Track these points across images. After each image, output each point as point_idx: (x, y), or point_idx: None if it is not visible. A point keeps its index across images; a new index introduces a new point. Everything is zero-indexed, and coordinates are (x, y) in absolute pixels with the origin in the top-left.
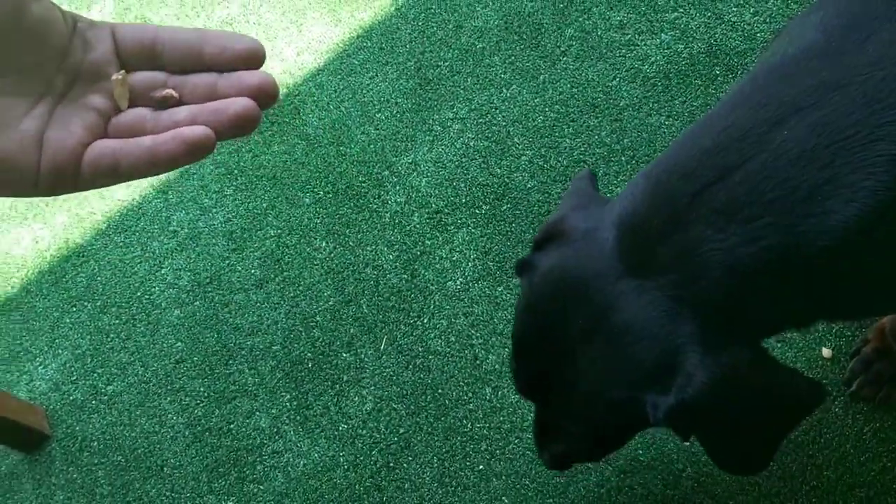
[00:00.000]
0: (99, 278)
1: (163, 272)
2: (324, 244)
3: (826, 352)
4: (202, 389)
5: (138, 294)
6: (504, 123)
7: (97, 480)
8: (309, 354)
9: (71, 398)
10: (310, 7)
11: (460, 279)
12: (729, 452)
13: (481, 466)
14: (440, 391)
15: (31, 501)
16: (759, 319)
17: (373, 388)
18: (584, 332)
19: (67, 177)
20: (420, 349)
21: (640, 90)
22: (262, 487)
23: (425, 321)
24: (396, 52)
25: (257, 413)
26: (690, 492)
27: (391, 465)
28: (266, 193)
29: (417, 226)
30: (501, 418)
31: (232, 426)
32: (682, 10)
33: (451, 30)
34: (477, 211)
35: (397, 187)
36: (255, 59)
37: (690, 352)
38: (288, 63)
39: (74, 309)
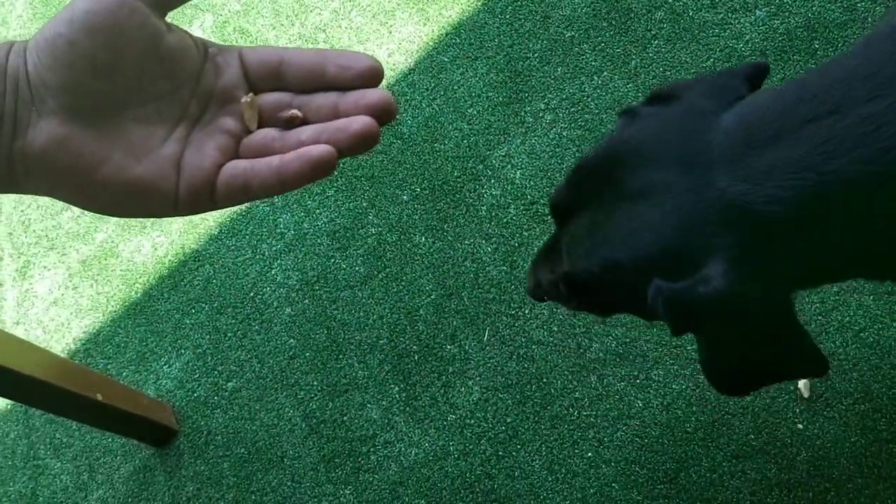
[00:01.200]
0: (214, 281)
1: (273, 273)
2: (423, 240)
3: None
4: (315, 383)
5: (251, 294)
6: (596, 111)
7: (223, 472)
8: (415, 347)
9: (195, 395)
10: (398, 8)
11: None
12: (714, 365)
13: (590, 454)
14: (545, 380)
15: (164, 492)
16: (809, 267)
17: (478, 378)
18: (640, 191)
19: (204, 197)
20: (523, 339)
21: None
22: (376, 476)
23: (526, 312)
24: (485, 46)
25: (368, 405)
26: (806, 476)
27: (500, 453)
28: (365, 193)
29: (514, 217)
30: (608, 405)
31: (345, 418)
32: None
33: (539, 20)
34: None
35: (492, 180)
36: (374, 76)
37: (720, 261)
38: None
39: (193, 310)
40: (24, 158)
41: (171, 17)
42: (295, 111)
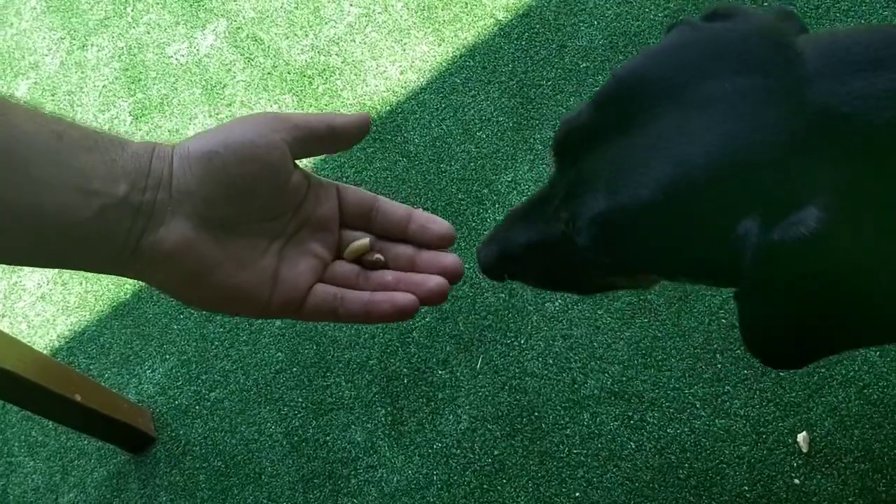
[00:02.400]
0: None
1: None
2: None
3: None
4: (300, 400)
5: None
6: None
7: (198, 484)
8: (405, 370)
9: (176, 402)
10: (414, 27)
11: (559, 300)
12: (777, 330)
13: (577, 494)
14: (536, 414)
15: (136, 500)
16: None
17: (468, 406)
18: (714, 98)
19: (292, 310)
20: (517, 370)
21: None
22: (355, 501)
23: (522, 342)
24: (499, 70)
25: (353, 426)
26: None
27: (485, 486)
28: None
29: None
30: (599, 445)
31: (328, 438)
32: None
33: (555, 49)
34: None
35: (496, 205)
36: (448, 241)
37: (828, 194)
38: (391, 81)
39: (182, 316)
40: (152, 253)
41: (183, 18)
42: (379, 256)
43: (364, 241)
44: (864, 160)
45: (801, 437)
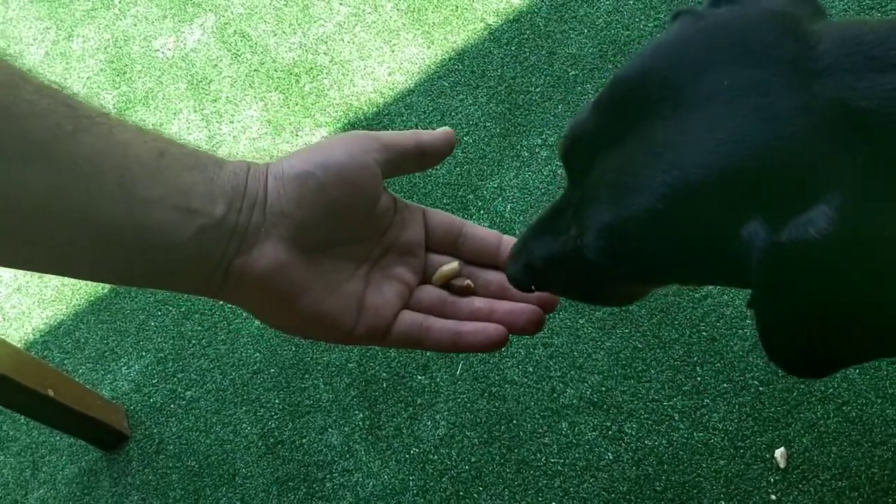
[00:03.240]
0: None
1: None
2: None
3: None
4: (277, 402)
5: (220, 303)
6: None
7: (171, 484)
8: (384, 374)
9: (151, 400)
10: (404, 28)
11: None
12: (797, 337)
13: (553, 503)
14: (515, 422)
15: (107, 498)
16: None
17: (446, 413)
18: (721, 95)
19: (378, 337)
20: (496, 377)
21: None
22: None
23: (503, 350)
24: (487, 76)
25: (330, 429)
26: None
27: (461, 493)
28: None
29: None
30: (577, 455)
31: (304, 440)
32: None
33: (544, 56)
34: None
35: (482, 211)
36: None
37: (843, 194)
38: (379, 82)
39: (160, 313)
40: (243, 274)
41: (170, 12)
42: (469, 282)
43: (453, 264)
44: (881, 159)
45: (779, 452)
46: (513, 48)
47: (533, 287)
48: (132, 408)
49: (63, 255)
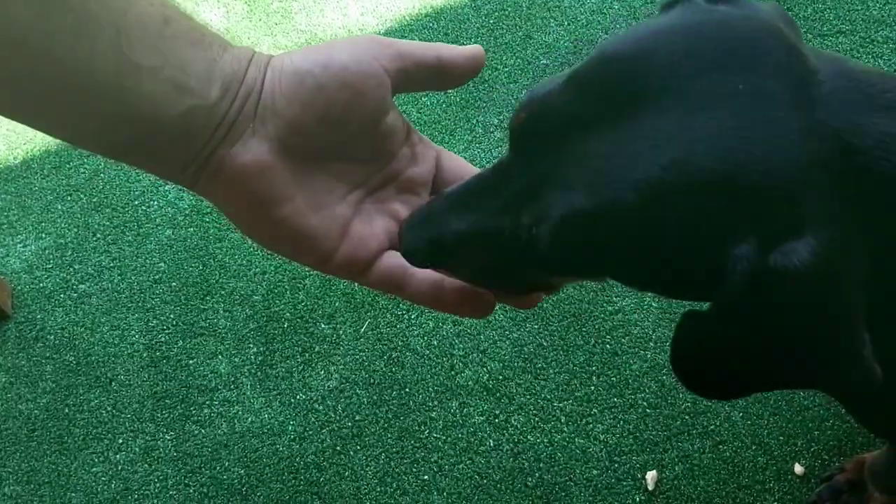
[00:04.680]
0: (102, 175)
1: (166, 188)
2: None
3: (798, 468)
4: (172, 317)
5: (136, 203)
6: None
7: (43, 374)
8: (287, 314)
9: (41, 285)
10: None
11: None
12: (733, 359)
13: (426, 477)
14: (407, 390)
15: None
16: None
17: (342, 367)
18: (719, 93)
19: (356, 271)
20: (399, 343)
21: None
22: (203, 431)
23: (412, 317)
24: (460, 41)
25: (220, 356)
26: None
27: (338, 448)
28: None
29: None
30: (459, 435)
31: (192, 361)
32: None
33: (520, 37)
34: None
35: None
36: None
37: (816, 234)
38: (349, 20)
39: (70, 198)
40: (220, 166)
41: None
42: None
43: None
44: (873, 201)
45: (651, 475)
46: (491, 21)
47: (428, 264)
48: (20, 288)
49: (38, 105)
